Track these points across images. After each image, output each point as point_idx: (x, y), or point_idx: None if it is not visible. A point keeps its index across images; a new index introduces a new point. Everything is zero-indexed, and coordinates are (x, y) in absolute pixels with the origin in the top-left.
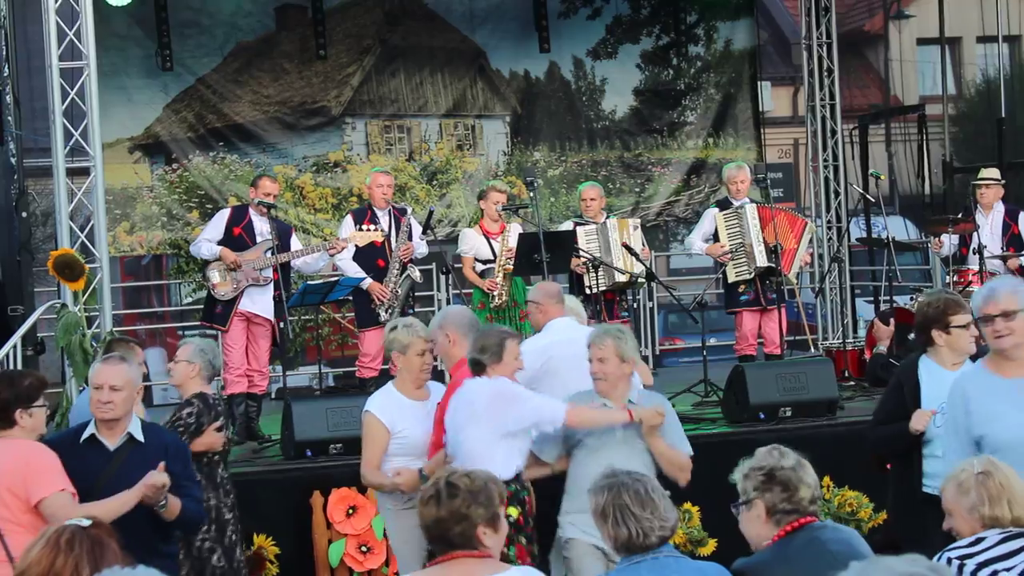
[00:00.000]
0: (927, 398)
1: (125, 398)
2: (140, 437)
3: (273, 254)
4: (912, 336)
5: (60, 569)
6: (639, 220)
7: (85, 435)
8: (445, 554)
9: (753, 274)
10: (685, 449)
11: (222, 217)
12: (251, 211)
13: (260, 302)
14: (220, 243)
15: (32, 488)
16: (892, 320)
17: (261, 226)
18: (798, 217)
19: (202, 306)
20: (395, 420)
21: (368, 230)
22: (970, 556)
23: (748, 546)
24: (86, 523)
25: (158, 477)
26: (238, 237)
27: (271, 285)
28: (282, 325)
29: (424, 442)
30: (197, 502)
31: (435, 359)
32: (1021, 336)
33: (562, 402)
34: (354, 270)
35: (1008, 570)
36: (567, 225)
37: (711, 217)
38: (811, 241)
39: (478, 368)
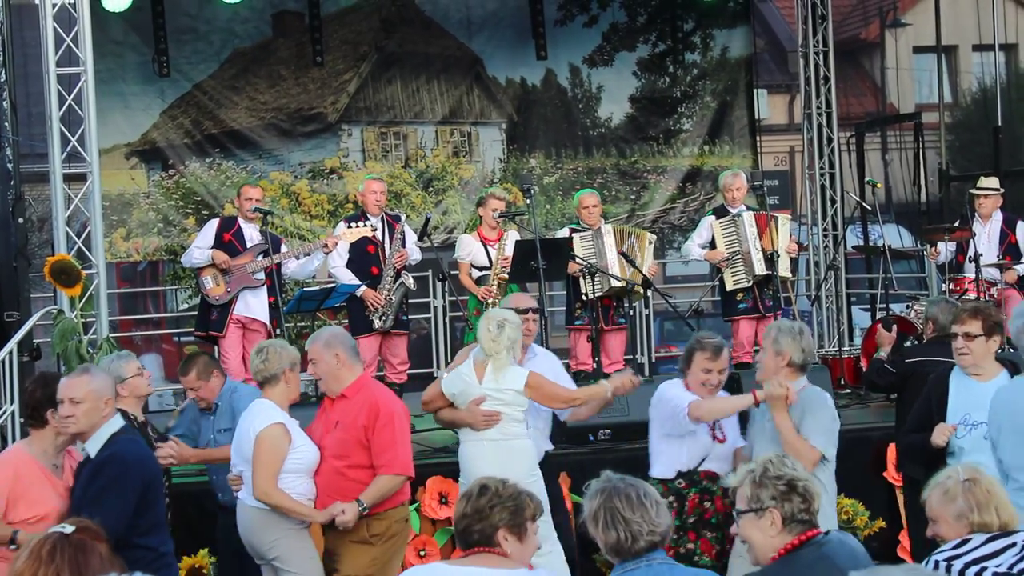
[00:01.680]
0: (953, 408)
1: (87, 411)
2: (92, 453)
3: (265, 257)
4: (908, 344)
5: None
6: (655, 236)
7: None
8: (468, 550)
9: (751, 282)
10: (814, 442)
11: (212, 226)
12: (239, 219)
13: (255, 306)
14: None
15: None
16: (895, 327)
17: (251, 232)
18: (772, 215)
19: (195, 314)
20: (295, 435)
21: (359, 226)
22: (957, 557)
23: None
24: (69, 529)
25: None
26: (228, 244)
27: (264, 289)
28: (279, 331)
29: (315, 459)
30: None
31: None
32: None
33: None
34: (348, 277)
35: (997, 565)
36: (563, 232)
37: (708, 225)
38: (788, 228)
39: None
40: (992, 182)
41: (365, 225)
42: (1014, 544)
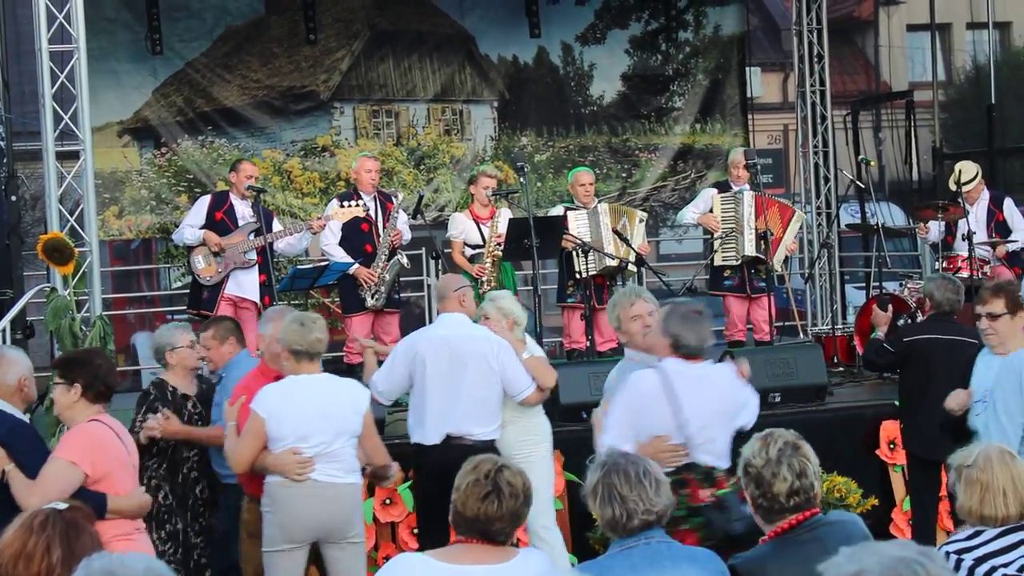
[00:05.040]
0: (974, 386)
1: None
2: None
3: (256, 236)
4: (902, 322)
5: (32, 550)
6: (646, 214)
7: None
8: (468, 539)
9: (739, 260)
10: None
11: (203, 203)
12: (232, 196)
13: (246, 285)
14: (203, 228)
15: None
16: (890, 306)
17: (243, 210)
18: (788, 206)
19: (188, 292)
20: None
21: (349, 206)
22: (968, 550)
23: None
24: (62, 506)
25: None
26: (220, 222)
27: (256, 268)
28: None
29: None
30: None
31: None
32: None
33: None
34: (341, 255)
35: (1006, 565)
36: (558, 210)
37: (708, 197)
38: (800, 229)
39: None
40: (969, 171)
41: (357, 205)
42: None
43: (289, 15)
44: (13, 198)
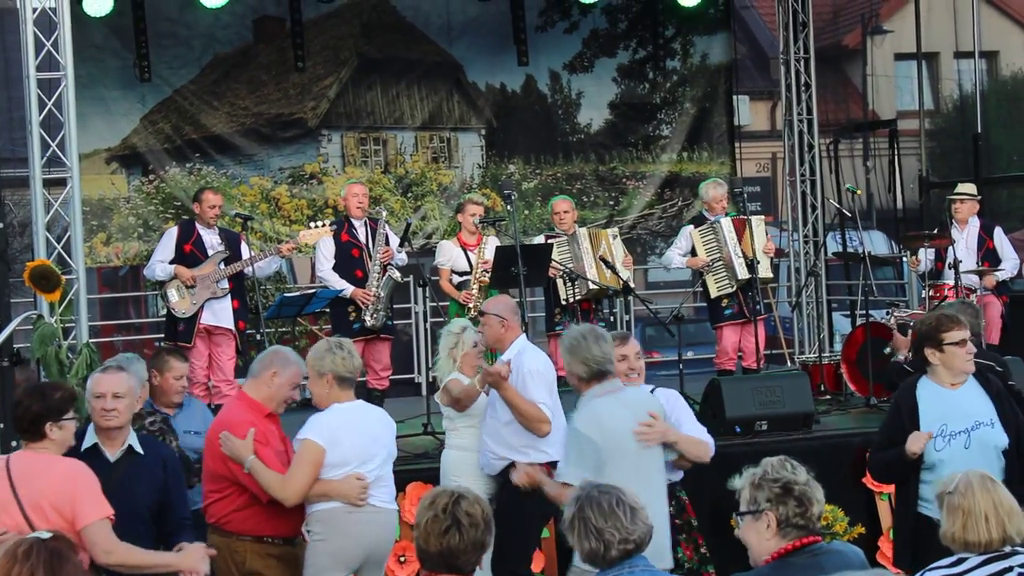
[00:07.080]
0: (925, 419)
1: (127, 405)
2: (140, 449)
3: (227, 264)
4: (887, 349)
5: None
6: (616, 229)
7: (87, 444)
8: (437, 573)
9: (735, 287)
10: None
11: (171, 236)
12: (198, 226)
13: (220, 314)
14: (172, 262)
15: (79, 511)
16: (910, 331)
17: (211, 239)
18: (746, 218)
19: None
20: None
21: (317, 227)
22: None
23: (724, 560)
24: (46, 536)
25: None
26: (189, 254)
27: (229, 296)
28: (259, 336)
29: None
30: (187, 526)
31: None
32: None
33: None
34: (336, 280)
35: None
36: (539, 239)
37: (687, 235)
38: (761, 227)
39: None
40: (969, 188)
41: (323, 225)
42: (1010, 569)
43: (277, 43)
44: (1, 225)
